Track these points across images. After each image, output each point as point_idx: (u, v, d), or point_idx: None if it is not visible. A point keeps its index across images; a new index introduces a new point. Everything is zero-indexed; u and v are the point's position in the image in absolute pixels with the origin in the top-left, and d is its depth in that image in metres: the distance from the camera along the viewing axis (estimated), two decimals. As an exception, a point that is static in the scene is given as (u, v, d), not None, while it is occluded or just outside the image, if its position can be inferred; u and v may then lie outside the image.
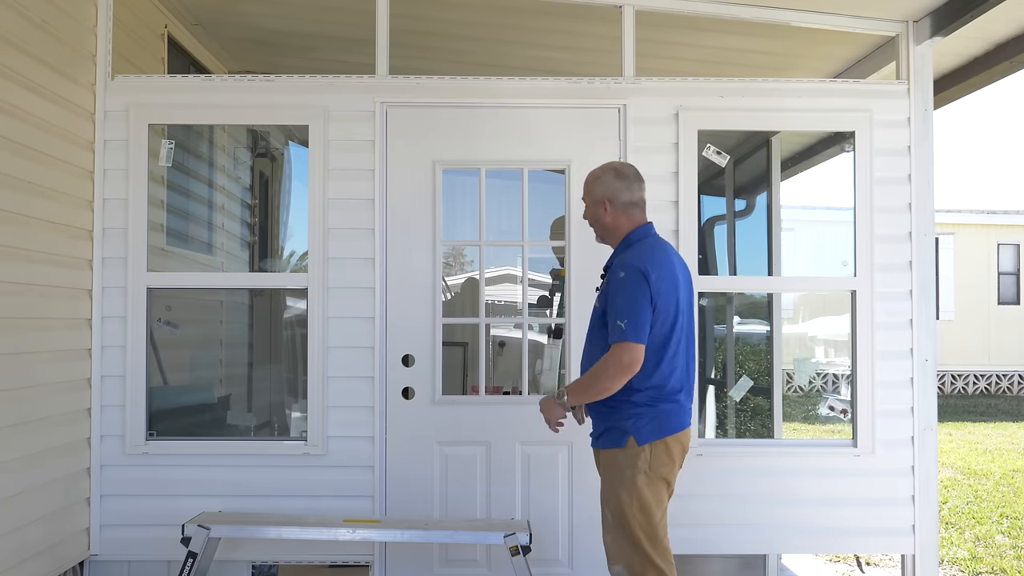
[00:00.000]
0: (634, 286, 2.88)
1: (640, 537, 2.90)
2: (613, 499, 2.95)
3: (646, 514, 2.91)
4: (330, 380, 3.87)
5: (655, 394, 2.94)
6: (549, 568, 3.87)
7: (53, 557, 3.54)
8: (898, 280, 3.96)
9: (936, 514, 3.96)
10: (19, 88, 3.27)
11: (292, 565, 4.05)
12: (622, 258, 3.01)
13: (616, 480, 2.94)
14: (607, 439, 2.99)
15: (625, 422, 2.93)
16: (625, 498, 2.91)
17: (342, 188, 3.89)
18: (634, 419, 2.92)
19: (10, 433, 3.23)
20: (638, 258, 2.96)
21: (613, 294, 2.92)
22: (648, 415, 2.93)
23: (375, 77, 3.95)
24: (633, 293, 2.87)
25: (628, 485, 2.91)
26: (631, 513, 2.90)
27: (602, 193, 3.07)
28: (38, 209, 3.41)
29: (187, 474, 3.84)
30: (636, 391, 2.93)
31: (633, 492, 2.91)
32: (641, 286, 2.88)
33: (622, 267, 2.94)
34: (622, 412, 2.94)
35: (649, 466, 2.92)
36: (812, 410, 10.07)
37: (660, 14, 4.11)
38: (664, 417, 2.95)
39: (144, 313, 3.84)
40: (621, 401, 2.94)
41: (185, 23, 5.06)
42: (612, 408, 2.96)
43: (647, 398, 2.94)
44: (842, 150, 4.47)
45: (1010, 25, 4.07)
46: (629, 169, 3.12)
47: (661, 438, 2.94)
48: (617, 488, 2.94)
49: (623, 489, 2.92)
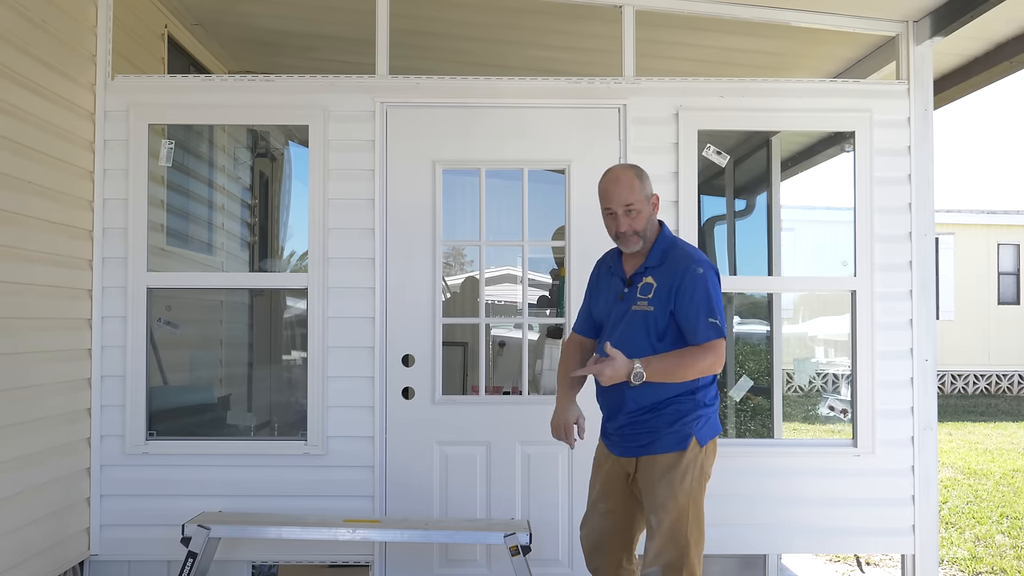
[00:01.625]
0: (715, 282, 2.84)
1: (691, 542, 2.81)
2: (670, 504, 2.81)
3: (699, 518, 2.86)
4: (330, 380, 3.87)
5: (712, 391, 2.93)
6: (549, 568, 3.87)
7: (53, 557, 3.54)
8: (898, 280, 3.96)
9: (936, 514, 3.96)
10: (19, 88, 3.27)
11: (292, 565, 4.05)
12: (682, 254, 2.89)
13: (675, 484, 2.82)
14: (668, 443, 2.86)
15: (690, 424, 2.85)
16: (683, 503, 2.81)
17: (342, 188, 3.89)
18: (697, 421, 2.86)
19: (10, 433, 3.23)
20: (700, 254, 2.92)
21: (694, 291, 2.80)
22: (706, 415, 2.90)
23: (375, 77, 3.95)
24: (716, 289, 2.83)
25: (687, 489, 2.82)
26: (690, 517, 2.81)
27: (652, 189, 2.95)
28: (38, 209, 3.41)
29: (187, 474, 3.84)
30: (703, 389, 2.88)
31: (691, 495, 2.83)
32: (717, 282, 2.87)
33: (696, 263, 2.85)
34: (689, 414, 2.86)
35: (704, 466, 2.88)
36: (812, 410, 10.07)
37: (660, 14, 4.11)
38: (715, 416, 2.94)
39: (144, 313, 3.84)
40: (688, 402, 2.86)
41: (185, 23, 5.06)
42: (679, 410, 2.86)
43: (708, 396, 2.91)
44: (842, 150, 4.47)
45: (1010, 25, 4.07)
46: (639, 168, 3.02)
47: (713, 438, 2.92)
48: (676, 492, 2.81)
49: (682, 494, 2.81)
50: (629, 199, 2.87)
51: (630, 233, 2.89)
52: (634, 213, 2.87)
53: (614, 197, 2.89)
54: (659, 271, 2.89)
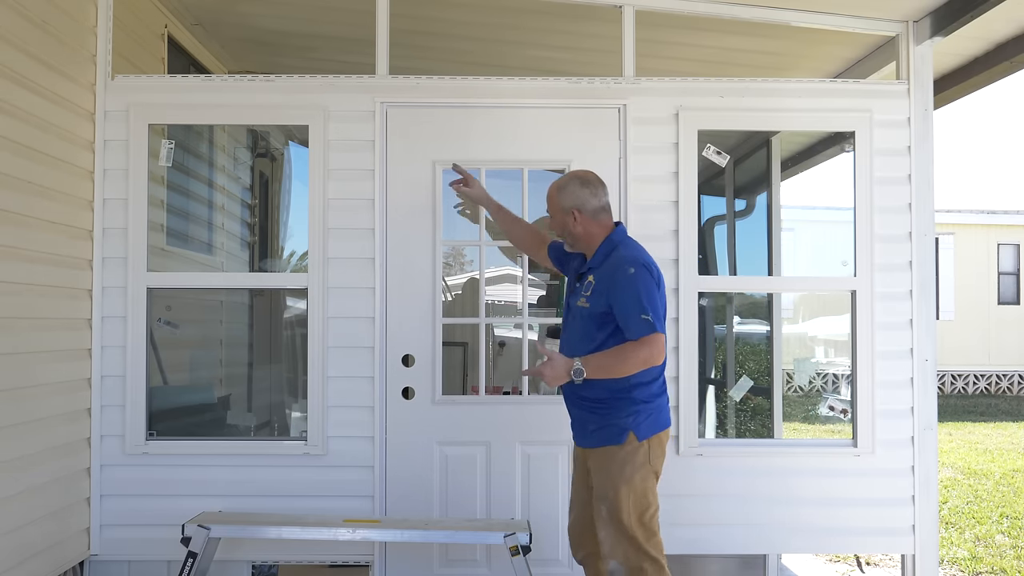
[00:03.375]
0: (647, 280, 2.94)
1: (636, 531, 2.95)
2: (611, 494, 2.97)
3: (641, 509, 2.97)
4: (330, 380, 3.87)
5: (651, 388, 3.02)
6: (549, 568, 3.87)
7: (53, 557, 3.54)
8: (898, 280, 3.96)
9: (936, 514, 3.96)
10: (19, 88, 3.27)
11: (292, 565, 4.05)
12: (619, 256, 3.02)
13: (615, 476, 2.97)
14: (602, 436, 3.02)
15: (625, 419, 2.98)
16: (623, 493, 2.95)
17: (342, 188, 3.89)
18: (634, 416, 2.98)
19: (10, 433, 3.23)
20: (638, 253, 3.03)
21: (625, 289, 2.92)
22: (646, 411, 3.00)
23: (375, 77, 3.95)
24: (648, 286, 2.93)
25: (627, 480, 2.95)
26: (628, 508, 2.94)
27: (570, 203, 3.08)
28: (38, 209, 3.41)
29: (187, 474, 3.84)
30: (639, 386, 2.98)
31: (632, 487, 2.95)
32: (651, 281, 2.96)
33: (628, 263, 2.97)
34: (622, 410, 2.98)
35: (648, 460, 2.98)
36: (812, 410, 10.07)
37: (660, 14, 4.11)
38: (658, 412, 3.04)
39: (144, 313, 3.83)
40: (620, 398, 2.98)
41: (185, 23, 5.06)
42: (609, 405, 3.00)
43: (649, 394, 3.01)
44: (842, 150, 4.47)
45: (1010, 25, 4.07)
46: (591, 175, 3.16)
47: (657, 433, 3.02)
48: (616, 483, 2.96)
49: (622, 484, 2.95)
50: (549, 208, 3.17)
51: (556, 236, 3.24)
52: (552, 220, 3.17)
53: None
54: (599, 271, 3.04)
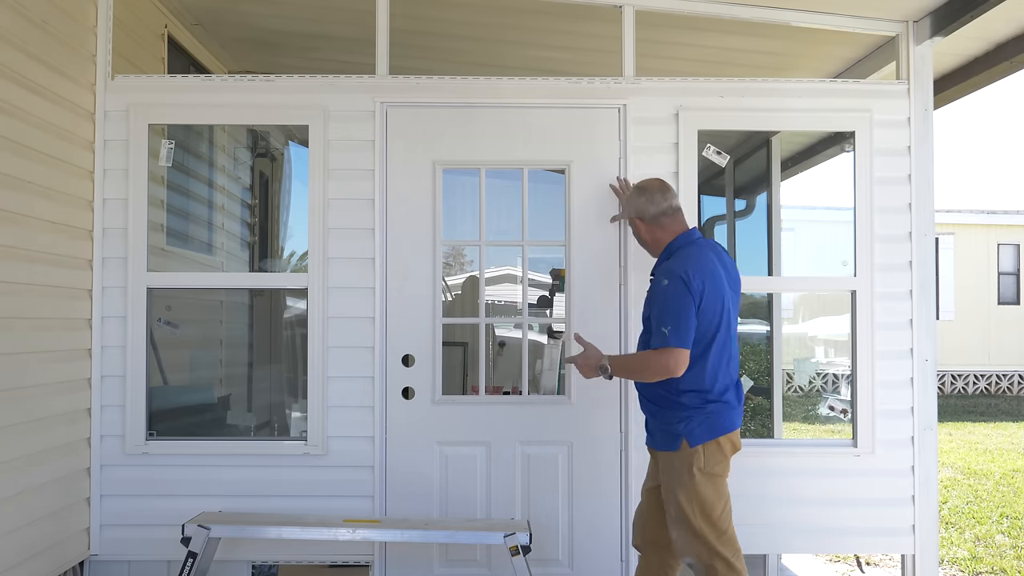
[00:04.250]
0: (678, 292, 3.01)
1: (705, 531, 3.02)
2: (672, 498, 3.07)
3: (706, 511, 3.03)
4: (330, 380, 3.87)
5: (703, 396, 3.06)
6: (549, 568, 3.87)
7: (53, 557, 3.54)
8: (898, 280, 3.96)
9: (936, 514, 3.96)
10: (19, 88, 3.27)
11: (292, 565, 4.06)
12: (665, 265, 3.16)
13: (674, 481, 3.06)
14: (660, 441, 3.14)
15: (676, 425, 3.06)
16: (684, 498, 3.03)
17: (342, 188, 3.89)
18: (684, 422, 3.05)
19: (10, 433, 3.23)
20: (680, 264, 3.10)
21: (657, 301, 3.07)
22: (697, 417, 3.05)
23: (375, 77, 3.95)
24: (676, 299, 3.00)
25: (685, 486, 3.03)
26: (691, 511, 3.02)
27: (632, 212, 3.33)
28: (38, 209, 3.41)
29: (187, 474, 3.84)
30: (684, 392, 3.06)
31: (692, 492, 3.03)
32: (683, 292, 3.01)
33: (665, 274, 3.09)
34: (673, 415, 3.08)
35: (704, 465, 3.03)
36: (812, 410, 10.07)
37: (660, 14, 4.11)
38: (714, 418, 3.06)
39: (144, 313, 3.84)
40: (671, 403, 3.09)
41: (185, 23, 5.06)
42: (663, 410, 3.11)
43: (695, 400, 3.06)
44: (842, 150, 4.47)
45: (1010, 25, 4.07)
46: (652, 183, 3.34)
47: (713, 439, 3.05)
48: (675, 488, 3.05)
49: (680, 489, 3.04)
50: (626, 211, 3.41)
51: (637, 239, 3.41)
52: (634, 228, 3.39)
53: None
54: (652, 280, 3.22)
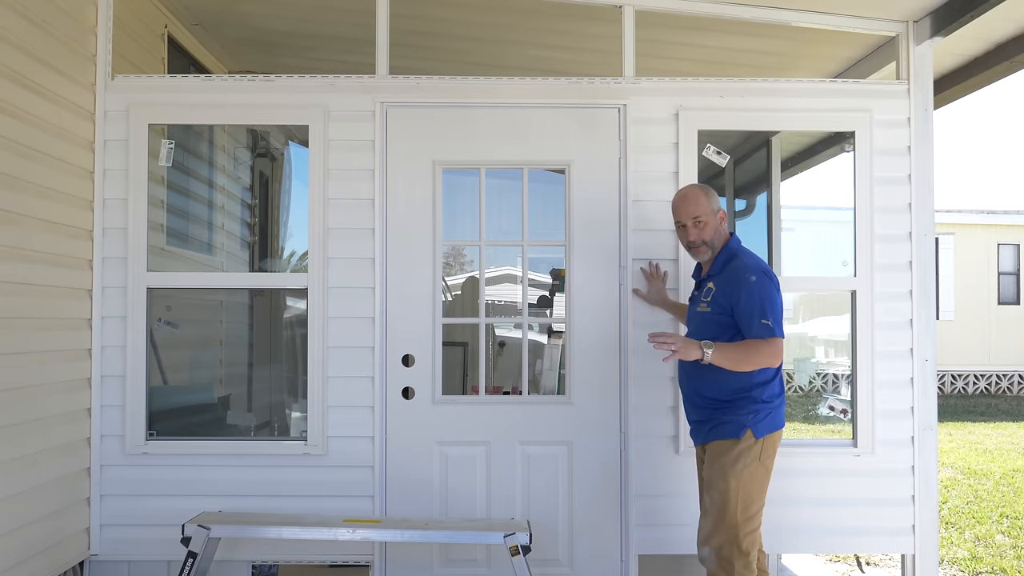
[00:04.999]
0: (769, 287, 3.17)
1: (740, 523, 3.10)
2: (721, 485, 3.13)
3: (747, 502, 3.12)
4: (330, 380, 3.87)
5: (775, 389, 3.20)
6: (549, 568, 3.87)
7: (53, 557, 3.54)
8: (898, 280, 3.96)
9: (936, 514, 3.96)
10: (19, 88, 3.27)
11: (292, 565, 4.06)
12: (741, 264, 3.23)
13: (727, 468, 3.14)
14: (722, 431, 3.19)
15: (745, 416, 3.16)
16: (733, 485, 3.11)
17: (342, 188, 3.89)
18: (754, 415, 3.16)
19: (10, 433, 3.23)
20: (757, 263, 3.25)
21: (747, 295, 3.14)
22: (765, 411, 3.18)
23: (375, 77, 3.95)
24: (771, 293, 3.16)
25: (739, 474, 3.12)
26: (734, 500, 3.10)
27: (717, 205, 3.35)
28: (38, 209, 3.41)
29: (187, 474, 3.84)
30: (759, 386, 3.17)
31: (742, 481, 3.12)
32: (772, 287, 3.18)
33: (750, 271, 3.19)
34: (744, 408, 3.17)
35: (760, 458, 3.15)
36: (812, 410, 10.07)
37: (660, 14, 4.11)
38: (776, 413, 3.21)
39: (144, 313, 3.84)
40: (743, 398, 3.18)
41: (185, 23, 5.06)
42: (731, 404, 3.19)
43: (769, 394, 3.18)
44: (842, 150, 4.47)
45: (1010, 25, 4.07)
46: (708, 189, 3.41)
47: (772, 432, 3.18)
48: (727, 476, 3.13)
49: (733, 477, 3.12)
50: (696, 212, 3.31)
51: (698, 242, 3.33)
52: (702, 224, 3.31)
53: (684, 211, 3.35)
54: (719, 278, 3.27)
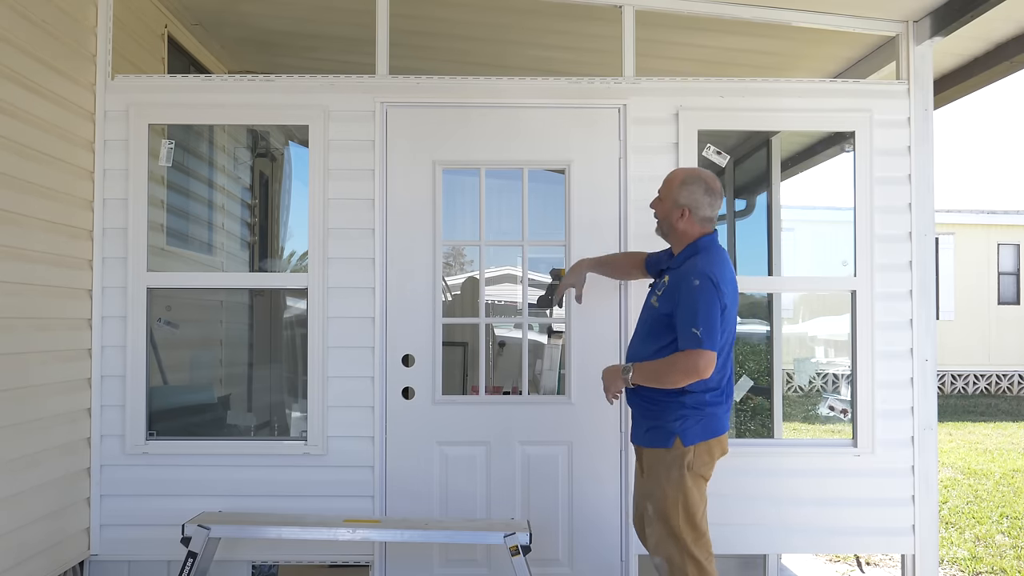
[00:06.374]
0: (710, 295, 2.95)
1: (684, 532, 3.01)
2: (658, 495, 3.05)
3: (689, 511, 3.02)
4: (330, 380, 3.87)
5: (704, 398, 3.04)
6: (549, 568, 3.87)
7: (53, 557, 3.54)
8: (898, 280, 3.96)
9: (936, 514, 3.96)
10: (19, 88, 3.27)
11: (292, 565, 4.05)
12: (692, 264, 3.04)
13: (662, 478, 3.04)
14: (652, 438, 3.09)
15: (672, 423, 3.03)
16: (670, 495, 3.02)
17: (342, 188, 3.89)
18: (681, 420, 3.03)
19: (10, 433, 3.23)
20: (710, 267, 3.02)
21: (685, 299, 2.97)
22: (694, 417, 3.03)
23: (375, 77, 3.95)
24: (708, 302, 2.94)
25: (674, 484, 3.02)
26: (674, 510, 3.01)
27: (685, 201, 3.12)
28: (38, 209, 3.41)
29: (187, 474, 3.84)
30: (688, 393, 3.02)
31: (679, 490, 3.02)
32: (714, 296, 2.96)
33: (696, 274, 2.99)
34: (670, 413, 3.04)
35: (692, 466, 3.02)
36: (812, 410, 10.07)
37: (660, 14, 4.11)
38: (709, 420, 3.05)
39: (144, 313, 3.84)
40: (670, 402, 3.04)
41: (185, 23, 5.06)
42: (660, 407, 3.06)
43: (697, 401, 3.03)
44: (842, 150, 4.47)
45: (1010, 25, 4.07)
46: (718, 185, 3.18)
47: (705, 440, 3.04)
48: (663, 485, 3.04)
49: (669, 487, 3.03)
50: (661, 187, 3.22)
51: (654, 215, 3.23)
52: (659, 200, 3.22)
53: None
54: (676, 273, 3.11)
